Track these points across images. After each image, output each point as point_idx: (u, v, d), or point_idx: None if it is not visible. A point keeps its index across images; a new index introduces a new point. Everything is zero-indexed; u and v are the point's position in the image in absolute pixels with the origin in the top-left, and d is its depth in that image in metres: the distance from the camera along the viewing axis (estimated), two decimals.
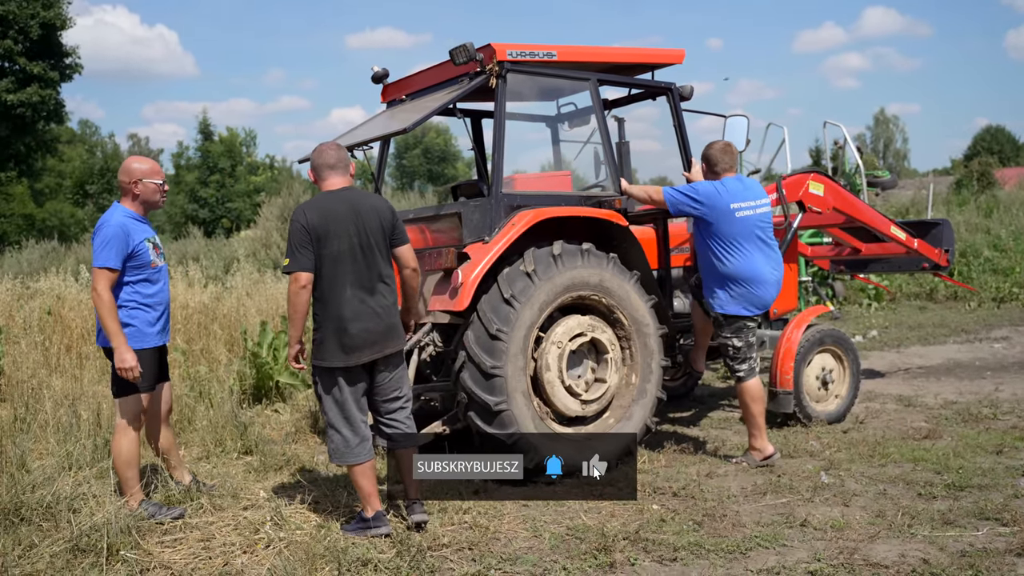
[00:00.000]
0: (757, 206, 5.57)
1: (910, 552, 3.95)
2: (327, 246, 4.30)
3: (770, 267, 5.61)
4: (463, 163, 64.36)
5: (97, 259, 4.52)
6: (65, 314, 8.75)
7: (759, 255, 5.56)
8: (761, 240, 5.59)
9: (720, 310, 5.63)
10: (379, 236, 4.39)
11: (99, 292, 4.48)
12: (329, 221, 4.31)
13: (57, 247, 23.15)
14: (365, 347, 4.34)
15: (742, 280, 5.54)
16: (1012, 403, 7.19)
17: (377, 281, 4.39)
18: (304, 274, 4.29)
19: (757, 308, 5.62)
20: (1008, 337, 10.94)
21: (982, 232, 17.88)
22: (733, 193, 5.53)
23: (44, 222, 44.66)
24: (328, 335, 4.34)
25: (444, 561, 4.06)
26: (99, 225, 4.62)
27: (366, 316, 4.34)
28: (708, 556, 4.02)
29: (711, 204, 5.51)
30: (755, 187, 5.69)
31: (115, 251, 4.52)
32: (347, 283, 4.33)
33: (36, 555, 4.03)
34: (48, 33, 30.07)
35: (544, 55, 5.66)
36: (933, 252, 8.05)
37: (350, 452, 4.41)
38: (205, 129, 54.82)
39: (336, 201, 4.37)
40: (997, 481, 4.95)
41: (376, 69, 6.39)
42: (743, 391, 5.70)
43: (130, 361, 4.48)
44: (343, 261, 4.32)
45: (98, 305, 4.49)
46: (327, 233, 4.29)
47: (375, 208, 4.42)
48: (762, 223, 5.59)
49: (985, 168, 29.59)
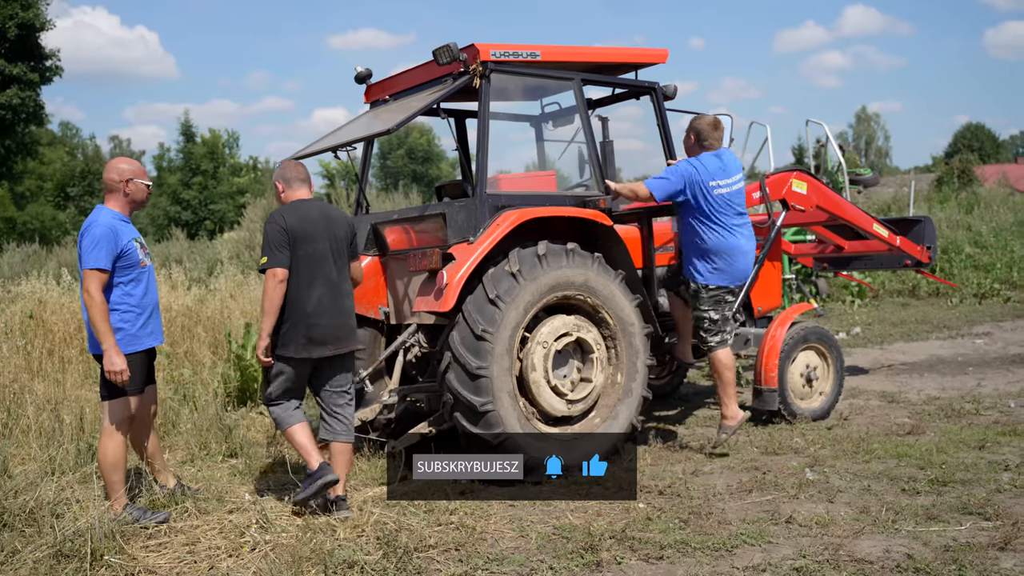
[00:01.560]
0: (733, 183, 5.81)
1: (894, 547, 3.98)
2: (302, 247, 4.68)
3: (745, 238, 5.87)
4: (447, 163, 64.31)
5: (87, 260, 4.48)
6: (47, 318, 8.67)
7: (736, 228, 5.81)
8: (737, 213, 5.83)
9: (703, 282, 5.83)
10: (345, 244, 4.86)
11: (92, 294, 4.44)
12: (306, 225, 4.70)
13: (38, 250, 22.93)
14: (329, 343, 4.74)
15: (723, 253, 5.79)
16: (994, 398, 7.25)
17: (343, 283, 4.84)
18: (281, 270, 4.65)
19: (737, 280, 5.89)
20: (990, 333, 11.03)
21: (963, 229, 18.00)
22: (711, 171, 5.75)
23: (25, 225, 44.29)
24: (296, 329, 4.68)
25: (431, 562, 4.05)
26: (86, 226, 4.58)
27: (334, 314, 4.74)
28: (694, 554, 4.03)
29: (690, 183, 5.73)
30: (732, 163, 5.89)
31: (105, 252, 4.49)
32: (318, 282, 4.71)
33: (19, 561, 3.99)
34: (27, 34, 29.78)
35: (528, 55, 5.66)
36: (915, 249, 8.10)
37: (290, 417, 4.82)
38: (187, 131, 54.50)
39: (310, 208, 4.82)
40: (980, 476, 4.99)
41: (359, 69, 6.37)
42: (716, 360, 5.91)
43: (120, 364, 4.46)
44: (316, 262, 4.70)
45: (90, 307, 4.45)
46: (304, 235, 4.68)
47: (343, 219, 4.91)
48: (738, 198, 5.85)
49: (966, 165, 29.80)
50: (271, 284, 4.62)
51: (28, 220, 45.88)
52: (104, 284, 4.50)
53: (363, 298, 6.07)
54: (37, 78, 30.79)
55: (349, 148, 6.13)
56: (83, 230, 4.59)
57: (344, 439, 4.89)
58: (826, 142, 12.25)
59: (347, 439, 4.90)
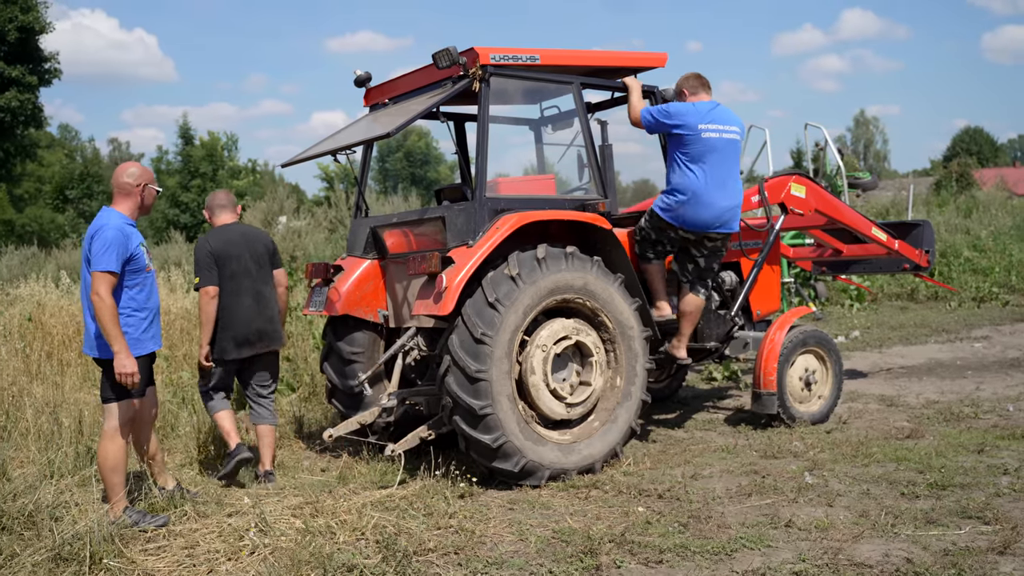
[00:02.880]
0: (724, 131, 5.86)
1: (894, 551, 3.98)
2: (227, 266, 5.50)
3: (722, 192, 5.88)
4: (445, 166, 64.34)
5: (98, 263, 4.48)
6: (46, 320, 8.67)
7: (712, 177, 5.84)
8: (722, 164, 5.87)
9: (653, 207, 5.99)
10: (265, 258, 5.65)
11: (102, 296, 4.45)
12: (228, 246, 5.54)
13: (37, 253, 22.94)
14: (255, 343, 5.57)
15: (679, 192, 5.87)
16: (993, 402, 7.25)
17: (266, 291, 5.64)
18: (212, 287, 5.49)
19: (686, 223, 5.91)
20: (988, 336, 11.04)
21: (962, 232, 18.03)
22: (702, 114, 5.85)
23: (24, 228, 44.22)
24: (227, 334, 5.51)
25: (430, 566, 4.05)
26: (96, 229, 4.58)
27: (259, 319, 5.57)
28: (694, 558, 4.03)
29: (682, 120, 5.83)
30: (727, 114, 5.95)
31: (116, 255, 4.52)
32: (244, 293, 5.53)
33: (18, 564, 3.99)
34: (26, 37, 29.81)
35: (527, 59, 5.67)
36: (914, 253, 8.11)
37: (218, 404, 5.69)
38: (186, 133, 54.49)
39: (231, 232, 5.66)
40: (979, 480, 4.99)
41: (359, 73, 6.38)
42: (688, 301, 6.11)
43: (131, 367, 4.49)
44: (240, 276, 5.52)
45: (101, 309, 4.44)
46: (227, 255, 5.51)
47: (259, 238, 5.72)
48: (728, 147, 5.87)
49: (964, 169, 29.87)
50: (204, 300, 5.48)
51: (27, 223, 45.80)
52: (114, 287, 4.52)
53: (362, 301, 6.08)
54: (36, 80, 30.81)
55: (348, 152, 6.13)
56: (93, 232, 4.58)
57: (269, 422, 5.72)
58: (825, 146, 12.28)
59: (271, 422, 5.74)
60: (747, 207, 6.93)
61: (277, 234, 20.05)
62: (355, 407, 6.08)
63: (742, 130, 6.04)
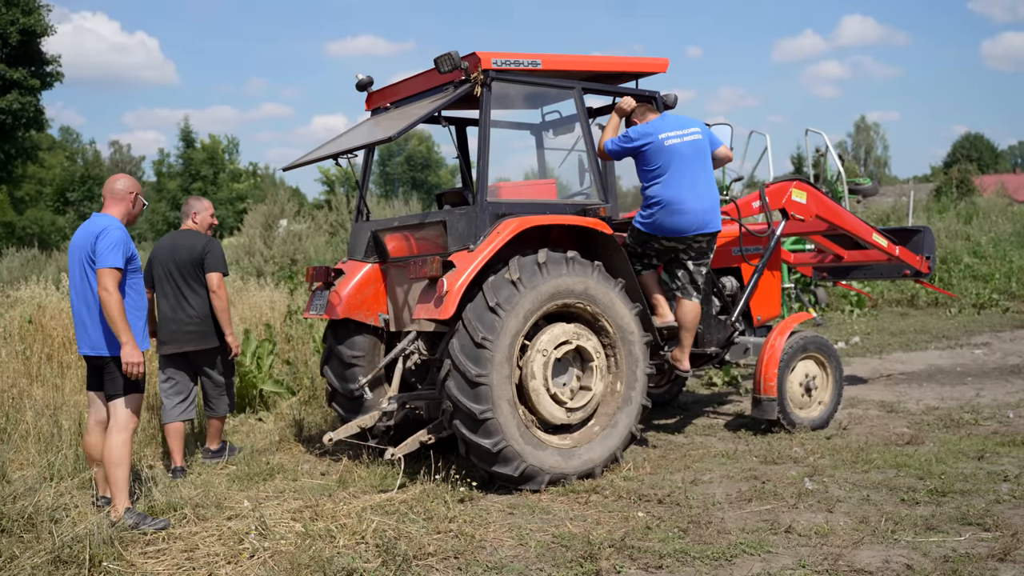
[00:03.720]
0: (685, 135, 5.92)
1: (894, 558, 3.98)
2: (155, 270, 6.09)
3: (693, 194, 5.89)
4: (447, 170, 64.38)
5: (107, 260, 4.66)
6: (46, 323, 8.67)
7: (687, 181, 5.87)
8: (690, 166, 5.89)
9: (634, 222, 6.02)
10: (188, 266, 6.05)
11: (111, 291, 4.62)
12: (158, 252, 6.15)
13: (38, 255, 22.94)
14: (171, 343, 6.04)
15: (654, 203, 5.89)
16: (993, 408, 7.25)
17: (185, 295, 6.04)
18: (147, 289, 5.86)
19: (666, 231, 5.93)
20: (988, 343, 11.04)
21: (962, 239, 18.05)
22: (659, 126, 5.92)
23: (24, 230, 44.25)
24: (159, 331, 6.09)
25: (430, 570, 4.04)
26: (102, 229, 4.75)
27: (173, 323, 6.03)
28: (694, 563, 4.03)
29: (643, 138, 5.88)
30: (682, 120, 6.04)
31: (122, 253, 4.72)
32: (165, 296, 6.06)
33: (17, 567, 3.98)
34: (28, 40, 29.84)
35: (529, 63, 5.68)
36: (914, 259, 8.12)
37: (167, 415, 6.05)
38: (187, 136, 54.56)
39: (167, 239, 6.26)
40: (979, 486, 4.99)
41: (360, 77, 6.39)
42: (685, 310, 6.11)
43: (138, 357, 4.67)
44: (161, 281, 6.07)
45: (110, 304, 4.61)
46: (155, 261, 6.11)
47: (186, 246, 6.09)
48: (690, 150, 5.90)
49: (964, 175, 29.94)
50: None
51: (27, 225, 45.85)
52: (119, 283, 4.69)
53: (363, 305, 6.08)
54: (38, 83, 30.83)
55: (350, 155, 6.14)
56: (97, 232, 4.74)
57: (212, 415, 6.27)
58: (825, 151, 12.30)
59: (213, 414, 6.27)
60: (748, 213, 6.94)
61: (277, 237, 20.07)
62: (355, 411, 6.08)
63: (704, 129, 6.07)
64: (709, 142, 6.03)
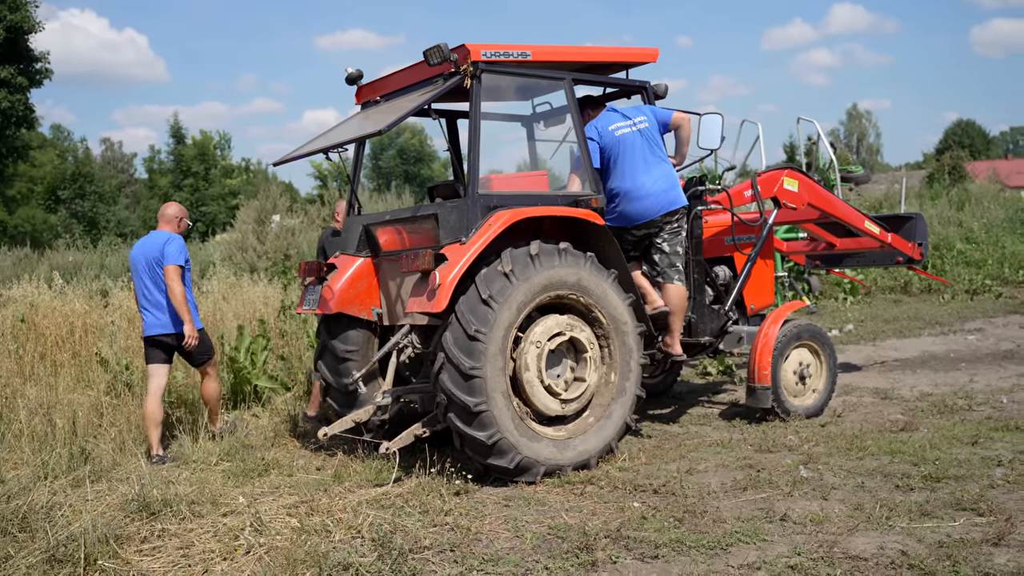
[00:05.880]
0: (635, 123, 6.07)
1: (889, 544, 3.99)
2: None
3: (650, 177, 6.02)
4: (439, 163, 64.27)
5: (176, 259, 6.29)
6: (39, 322, 8.63)
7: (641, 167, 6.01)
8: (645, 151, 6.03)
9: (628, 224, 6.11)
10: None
11: (179, 282, 6.26)
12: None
13: (30, 254, 22.85)
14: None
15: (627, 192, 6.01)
16: (986, 394, 7.28)
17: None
18: None
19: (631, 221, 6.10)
20: (981, 329, 11.07)
21: (954, 225, 18.09)
22: (606, 119, 6.13)
23: (16, 229, 44.07)
24: None
25: (426, 563, 4.04)
26: (167, 238, 6.36)
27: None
28: (689, 552, 4.03)
29: (596, 133, 6.06)
30: (626, 111, 6.17)
31: (184, 256, 6.36)
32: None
33: (12, 566, 3.97)
34: (15, 37, 29.66)
35: (518, 55, 5.66)
36: (907, 246, 8.13)
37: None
38: (177, 133, 54.35)
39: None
40: (973, 472, 5.01)
41: (350, 71, 6.36)
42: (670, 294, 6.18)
43: (194, 331, 6.33)
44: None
45: (177, 292, 6.23)
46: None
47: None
48: (640, 139, 6.04)
49: (956, 162, 29.96)
50: None
51: (19, 223, 45.64)
52: (181, 277, 6.28)
53: (356, 299, 6.07)
54: (26, 81, 30.67)
55: (340, 149, 6.12)
56: (163, 241, 6.33)
57: None
58: (817, 140, 12.31)
59: None
60: (740, 202, 6.94)
61: (270, 232, 20.03)
62: (350, 405, 6.08)
63: (651, 115, 6.16)
64: (659, 123, 6.15)
